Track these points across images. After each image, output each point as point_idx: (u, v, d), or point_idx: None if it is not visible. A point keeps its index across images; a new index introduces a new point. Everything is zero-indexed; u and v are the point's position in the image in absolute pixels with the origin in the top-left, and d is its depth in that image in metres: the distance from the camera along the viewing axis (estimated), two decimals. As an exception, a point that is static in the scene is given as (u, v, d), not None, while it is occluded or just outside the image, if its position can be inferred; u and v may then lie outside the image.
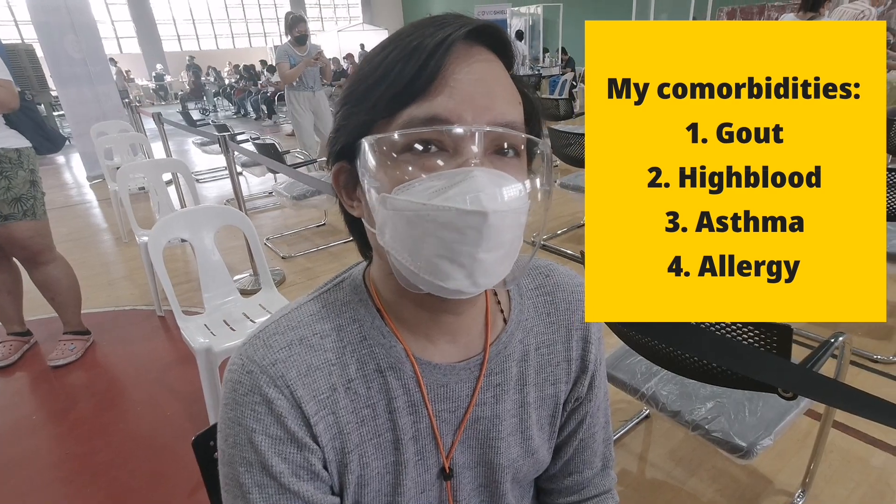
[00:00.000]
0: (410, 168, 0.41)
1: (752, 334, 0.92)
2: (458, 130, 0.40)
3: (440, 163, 0.41)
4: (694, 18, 8.57)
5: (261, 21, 19.16)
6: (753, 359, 0.83)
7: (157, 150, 5.52)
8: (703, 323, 0.97)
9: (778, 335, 0.88)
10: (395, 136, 0.41)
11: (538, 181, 0.46)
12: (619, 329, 1.19)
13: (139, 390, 1.99)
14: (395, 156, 0.41)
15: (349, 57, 11.42)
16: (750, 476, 1.45)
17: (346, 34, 17.28)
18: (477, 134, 0.40)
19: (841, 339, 1.05)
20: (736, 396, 1.17)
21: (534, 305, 0.58)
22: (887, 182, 1.88)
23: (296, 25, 4.05)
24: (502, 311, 0.57)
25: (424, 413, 0.52)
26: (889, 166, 2.07)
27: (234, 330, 1.65)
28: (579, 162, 3.10)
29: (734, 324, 0.93)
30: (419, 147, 0.41)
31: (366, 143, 0.42)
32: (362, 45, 12.68)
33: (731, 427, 1.08)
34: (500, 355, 0.55)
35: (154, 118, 4.40)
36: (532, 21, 12.62)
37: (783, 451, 1.50)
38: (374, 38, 13.95)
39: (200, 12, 17.71)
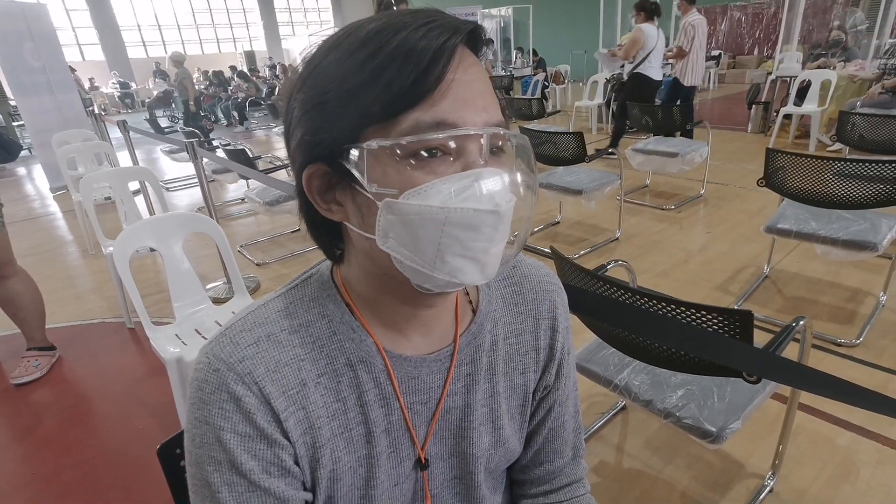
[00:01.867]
0: (418, 172, 0.41)
1: (716, 320, 0.94)
2: (471, 133, 0.41)
3: (447, 166, 0.42)
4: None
5: (230, 26, 18.86)
6: (717, 344, 0.85)
7: (125, 159, 5.37)
8: (668, 311, 1.00)
9: (739, 320, 0.91)
10: (406, 141, 0.40)
11: (528, 174, 0.47)
12: (592, 322, 1.20)
13: (109, 405, 1.93)
14: (400, 161, 0.41)
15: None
16: (723, 461, 1.48)
17: (318, 39, 17.10)
18: (483, 136, 0.42)
19: (801, 322, 1.08)
20: (705, 383, 1.20)
21: (501, 296, 0.59)
22: (843, 172, 1.96)
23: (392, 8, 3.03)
24: (471, 303, 0.58)
25: (396, 405, 0.52)
26: (848, 157, 2.15)
27: (205, 339, 1.61)
28: (552, 160, 3.14)
29: (699, 311, 0.95)
30: (428, 151, 0.41)
31: (370, 148, 0.41)
32: None
33: (701, 413, 1.11)
34: (470, 346, 0.55)
35: (119, 126, 4.29)
36: (503, 23, 12.72)
37: (754, 435, 1.55)
38: (345, 41, 13.78)
39: (167, 18, 17.34)
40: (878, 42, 5.70)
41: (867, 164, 1.85)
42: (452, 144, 0.41)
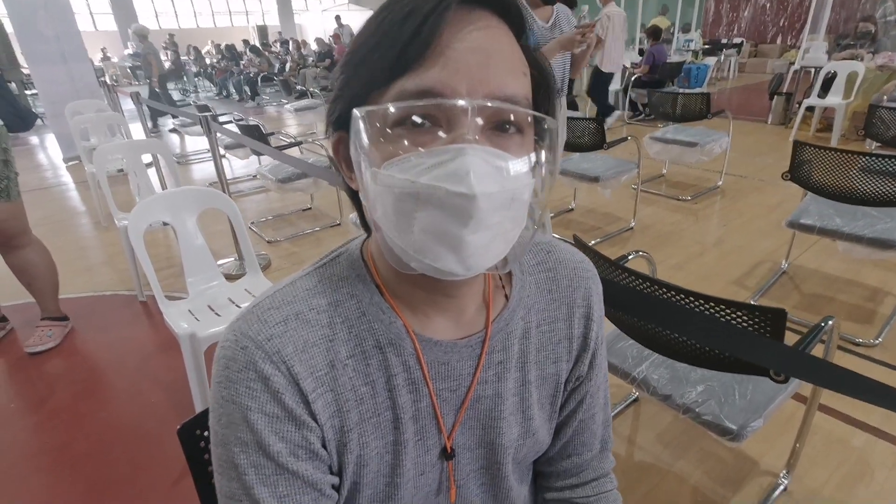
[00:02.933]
0: (401, 143, 0.39)
1: (745, 318, 0.91)
2: (448, 104, 0.38)
3: (433, 138, 0.39)
4: (682, 4, 8.54)
5: (242, -1, 18.63)
6: (747, 341, 0.83)
7: (136, 131, 5.36)
8: (696, 306, 0.97)
9: (772, 318, 0.88)
10: (383, 109, 0.39)
11: (542, 158, 0.43)
12: (612, 313, 1.18)
13: (120, 378, 1.95)
14: (386, 129, 0.39)
15: (336, 37, 11.17)
16: (736, 458, 1.47)
17: (332, 14, 16.90)
18: (470, 109, 0.38)
19: (830, 322, 1.05)
20: (725, 380, 1.17)
21: (535, 282, 0.57)
22: (868, 168, 1.90)
23: None
24: (503, 288, 0.56)
25: (425, 391, 0.51)
26: (873, 152, 2.09)
27: (219, 315, 1.61)
28: (569, 146, 3.08)
29: (728, 307, 0.92)
30: (411, 121, 0.39)
31: (356, 115, 0.40)
32: (338, 18, 12.15)
33: (722, 410, 1.09)
34: (501, 333, 0.53)
35: (133, 98, 4.27)
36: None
37: (768, 433, 1.53)
38: (359, 17, 13.62)
39: (179, -11, 17.16)
40: (909, 34, 5.52)
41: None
42: (440, 116, 0.39)
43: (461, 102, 0.38)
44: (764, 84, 7.18)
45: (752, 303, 2.09)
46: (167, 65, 11.95)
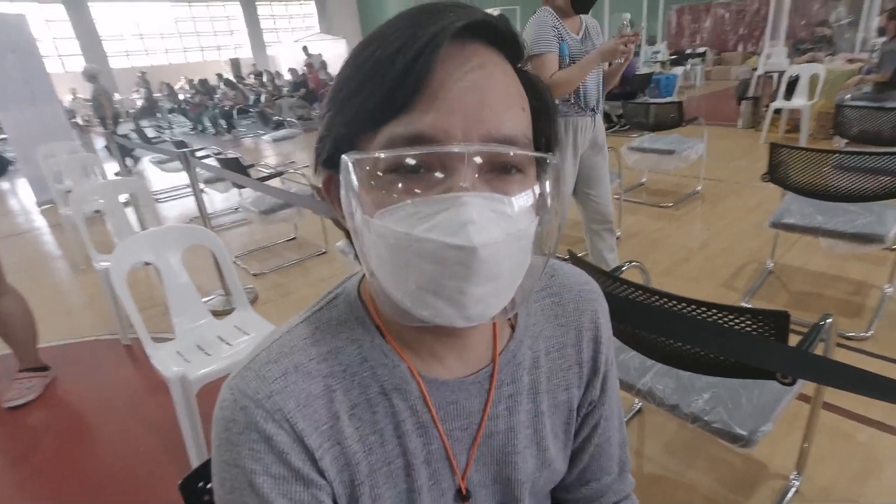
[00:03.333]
0: (395, 189, 0.37)
1: (749, 322, 0.91)
2: (442, 152, 0.36)
3: (429, 183, 0.37)
4: (647, 18, 8.84)
5: (214, 34, 18.70)
6: (751, 346, 0.83)
7: (111, 171, 5.28)
8: (699, 314, 0.97)
9: (775, 321, 0.88)
10: (373, 156, 0.37)
11: (546, 192, 0.41)
12: (613, 325, 1.17)
13: (108, 426, 1.87)
14: (378, 175, 0.37)
15: (309, 66, 11.25)
16: (745, 462, 1.45)
17: (304, 44, 17.08)
18: (466, 155, 0.36)
19: (829, 320, 1.06)
20: (731, 385, 1.17)
21: (541, 308, 0.55)
22: (843, 165, 1.96)
23: None
24: (509, 318, 0.54)
25: (435, 434, 0.48)
26: (844, 149, 2.16)
27: (209, 355, 1.56)
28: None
29: (730, 313, 0.92)
30: (404, 167, 0.37)
31: (346, 162, 0.38)
32: (305, 49, 12.28)
33: (731, 416, 1.08)
34: (510, 364, 0.52)
35: (106, 137, 4.19)
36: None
37: (774, 434, 1.50)
38: (331, 47, 13.77)
39: (148, 27, 17.16)
40: (863, 35, 5.78)
41: (873, 157, 1.84)
42: (435, 161, 0.37)
43: (456, 149, 0.36)
44: (730, 90, 7.41)
45: (748, 306, 2.10)
46: (140, 102, 11.86)
